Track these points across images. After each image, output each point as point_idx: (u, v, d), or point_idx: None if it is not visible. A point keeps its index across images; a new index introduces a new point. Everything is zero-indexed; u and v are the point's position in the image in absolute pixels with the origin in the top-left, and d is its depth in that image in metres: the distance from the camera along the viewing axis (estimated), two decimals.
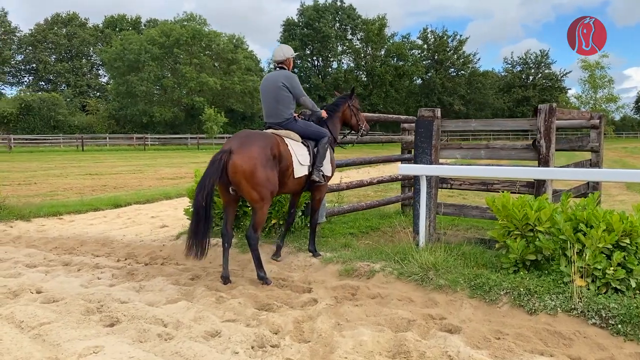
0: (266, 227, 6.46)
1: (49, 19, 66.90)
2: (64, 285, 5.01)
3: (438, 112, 5.75)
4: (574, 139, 6.56)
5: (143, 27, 68.43)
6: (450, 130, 5.81)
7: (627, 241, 4.07)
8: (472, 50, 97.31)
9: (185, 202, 7.68)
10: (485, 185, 5.66)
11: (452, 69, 73.41)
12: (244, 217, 6.68)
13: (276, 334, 3.83)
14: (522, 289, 4.24)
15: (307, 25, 64.94)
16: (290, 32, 66.14)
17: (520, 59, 79.05)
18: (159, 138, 48.22)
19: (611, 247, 4.08)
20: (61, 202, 10.68)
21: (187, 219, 7.15)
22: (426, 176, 5.53)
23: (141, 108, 52.85)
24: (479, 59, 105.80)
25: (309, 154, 5.59)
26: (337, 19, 67.32)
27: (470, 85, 71.90)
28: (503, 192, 4.88)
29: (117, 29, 66.97)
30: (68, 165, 24.40)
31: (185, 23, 57.78)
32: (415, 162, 5.81)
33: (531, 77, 78.35)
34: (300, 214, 6.52)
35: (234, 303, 4.44)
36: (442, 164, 6.03)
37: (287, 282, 5.17)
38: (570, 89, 67.55)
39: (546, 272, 4.43)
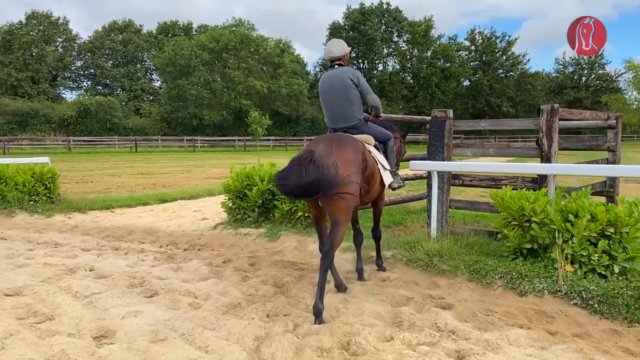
0: (293, 219, 7.05)
1: (107, 26, 70.22)
2: (112, 265, 5.75)
3: (450, 112, 6.18)
4: (587, 139, 6.82)
5: (194, 32, 70.70)
6: (461, 130, 6.21)
7: (612, 230, 4.42)
8: (525, 50, 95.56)
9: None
10: (494, 181, 6.05)
11: (501, 70, 72.26)
12: (274, 209, 7.29)
13: (290, 305, 4.39)
14: (514, 274, 4.66)
15: (352, 28, 65.47)
16: (336, 36, 66.74)
17: (572, 59, 76.90)
18: (208, 140, 49.83)
19: (596, 235, 4.44)
20: (113, 197, 11.63)
21: (224, 211, 7.86)
22: (437, 172, 5.97)
23: (191, 111, 54.67)
24: (529, 59, 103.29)
25: (385, 159, 5.02)
26: (383, 21, 67.54)
27: (519, 86, 70.58)
28: (509, 186, 5.29)
29: (169, 35, 69.45)
30: (122, 166, 25.78)
31: (234, 28, 59.35)
32: (429, 160, 6.26)
33: (584, 78, 76.07)
34: None
35: (256, 281, 5.05)
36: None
37: (306, 265, 5.73)
38: (624, 90, 65.09)
39: (540, 259, 4.81)
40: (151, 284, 5.01)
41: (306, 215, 6.96)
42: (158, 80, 68.83)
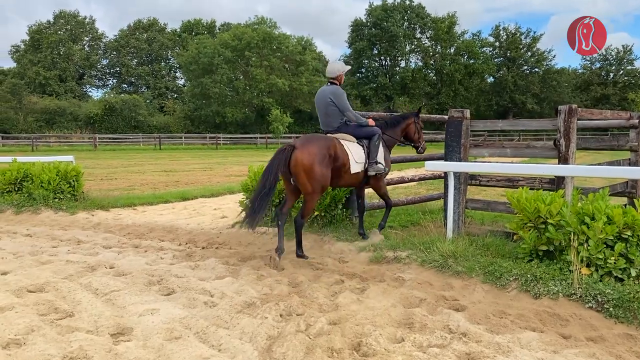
0: (309, 219, 7.09)
1: (132, 25, 71.24)
2: (132, 263, 5.88)
3: (467, 113, 6.15)
4: (607, 139, 6.73)
5: (217, 30, 71.25)
6: (479, 130, 6.17)
7: (629, 233, 4.37)
8: (551, 46, 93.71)
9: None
10: (511, 182, 6.00)
11: (525, 67, 71.11)
12: (291, 209, 7.34)
13: (303, 305, 4.44)
14: (529, 276, 4.63)
15: (375, 25, 65.08)
16: (358, 33, 66.56)
17: (599, 55, 75.18)
18: (230, 138, 50.23)
19: (613, 238, 4.38)
20: (136, 195, 11.84)
21: (242, 209, 7.94)
22: (454, 173, 5.96)
23: (214, 109, 55.15)
24: (555, 55, 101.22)
25: (364, 152, 6.26)
26: (405, 18, 67.00)
27: (545, 83, 69.36)
28: (526, 187, 5.25)
29: (193, 33, 70.11)
30: (146, 163, 26.17)
31: (256, 26, 59.64)
32: (446, 160, 6.24)
33: (612, 74, 74.36)
34: (340, 206, 7.10)
35: (271, 280, 5.11)
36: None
37: (321, 265, 5.78)
38: None
39: (555, 261, 4.77)
40: (169, 282, 5.11)
41: (322, 214, 7.00)
42: (182, 78, 69.69)
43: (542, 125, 5.76)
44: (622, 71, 73.78)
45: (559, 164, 5.46)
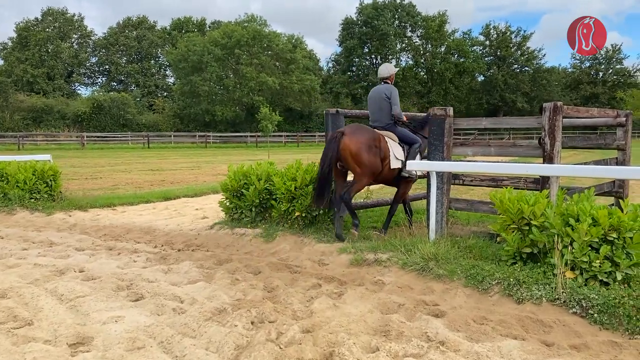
0: (290, 219, 6.90)
1: (121, 22, 70.55)
2: (103, 266, 5.65)
3: (450, 110, 5.98)
4: (594, 137, 6.57)
5: (208, 28, 70.73)
6: (462, 128, 6.01)
7: (615, 235, 4.20)
8: (543, 45, 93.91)
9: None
10: (495, 182, 5.83)
11: (516, 66, 71.25)
12: (271, 209, 7.15)
13: (276, 311, 4.24)
14: (512, 280, 4.46)
15: (365, 23, 64.92)
16: (349, 31, 66.37)
17: None
18: (220, 136, 49.89)
19: (598, 240, 4.22)
20: (116, 194, 11.59)
21: (222, 210, 7.73)
22: (437, 172, 5.78)
23: (204, 107, 54.73)
24: (545, 54, 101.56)
25: (404, 153, 6.67)
26: (396, 16, 66.89)
27: (535, 82, 69.55)
28: (510, 187, 5.09)
29: (183, 31, 69.57)
30: (134, 162, 25.86)
31: (246, 24, 59.25)
32: (428, 159, 6.06)
33: (601, 73, 74.66)
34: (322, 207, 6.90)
35: (246, 285, 4.91)
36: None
37: (300, 268, 5.58)
38: None
39: (539, 264, 4.61)
40: (138, 286, 4.90)
41: (303, 215, 6.80)
42: (172, 76, 69.08)
43: (527, 124, 5.59)
44: (611, 70, 74.17)
45: (544, 163, 5.29)
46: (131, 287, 4.92)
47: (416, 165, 5.87)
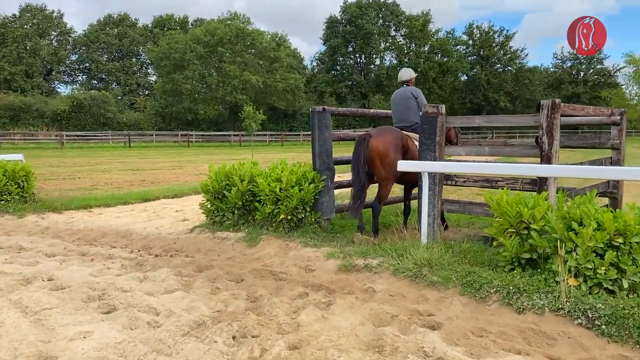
0: (274, 222, 6.57)
1: (102, 19, 69.42)
2: (74, 274, 5.27)
3: (442, 108, 5.71)
4: (590, 136, 6.36)
5: (190, 26, 69.97)
6: (454, 127, 5.74)
7: (621, 240, 3.96)
8: (525, 45, 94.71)
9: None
10: (490, 183, 5.58)
11: (498, 65, 71.63)
12: (255, 212, 6.82)
13: (260, 325, 3.92)
14: (511, 287, 4.19)
15: (349, 22, 64.72)
16: (333, 30, 66.13)
17: (570, 54, 76.17)
18: (202, 135, 49.30)
19: (603, 246, 3.97)
20: (93, 195, 11.14)
21: (202, 213, 7.38)
22: (428, 173, 5.50)
23: (186, 106, 54.07)
24: (527, 54, 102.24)
25: None
26: (380, 15, 66.81)
27: (517, 81, 69.97)
28: (505, 188, 4.83)
29: (165, 29, 68.71)
30: (114, 161, 25.32)
31: (229, 22, 58.66)
32: (419, 159, 5.79)
33: (582, 73, 75.38)
34: (308, 209, 6.59)
35: (227, 295, 4.57)
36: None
37: (285, 274, 5.26)
38: (623, 84, 64.36)
39: (539, 270, 4.35)
40: (111, 297, 4.53)
41: (289, 217, 6.48)
42: (154, 74, 68.18)
43: (523, 122, 5.35)
44: (592, 70, 74.88)
45: (541, 163, 5.04)
46: (103, 297, 4.56)
47: (408, 166, 5.57)
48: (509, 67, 71.56)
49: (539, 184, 5.11)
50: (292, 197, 6.38)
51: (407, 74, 7.19)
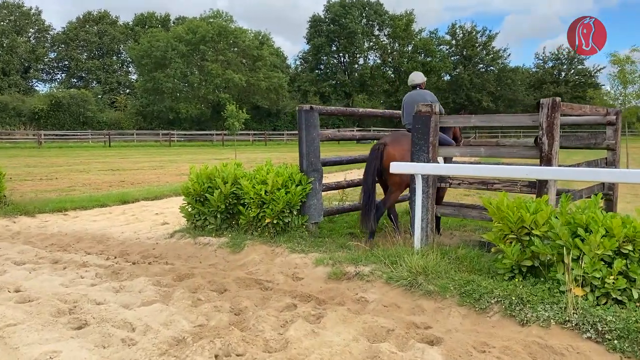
0: (259, 226, 6.26)
1: (81, 17, 68.19)
2: (44, 284, 4.90)
3: (436, 107, 5.45)
4: (587, 136, 6.16)
5: (172, 24, 69.12)
6: (449, 126, 5.50)
7: (630, 248, 3.72)
8: (507, 45, 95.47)
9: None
10: (486, 185, 5.32)
11: (481, 65, 71.94)
12: (239, 216, 6.50)
13: (245, 342, 3.61)
14: (514, 298, 3.93)
15: (333, 21, 64.48)
16: (316, 29, 65.82)
17: (552, 54, 76.93)
18: (184, 134, 48.64)
19: (612, 254, 3.73)
20: (69, 197, 10.69)
21: (183, 216, 7.03)
22: (422, 175, 5.24)
23: (168, 104, 53.36)
24: (509, 54, 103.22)
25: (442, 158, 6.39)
26: (363, 14, 66.67)
27: (500, 81, 70.31)
28: (503, 191, 4.59)
29: (146, 27, 67.76)
30: (93, 161, 24.73)
31: (212, 20, 58.03)
32: (412, 160, 5.52)
33: (563, 73, 76.10)
34: (295, 213, 6.29)
35: (209, 307, 4.24)
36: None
37: (272, 283, 4.95)
38: (603, 85, 65.12)
39: (542, 279, 4.10)
40: (83, 310, 4.18)
41: (274, 221, 6.16)
42: (135, 72, 67.19)
43: (521, 121, 5.11)
44: (573, 70, 75.61)
45: (541, 164, 4.80)
46: (74, 311, 4.20)
47: (402, 168, 5.30)
48: (492, 67, 71.87)
49: (538, 187, 4.87)
50: (278, 200, 6.07)
51: (420, 77, 7.07)
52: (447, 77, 72.18)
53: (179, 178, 16.73)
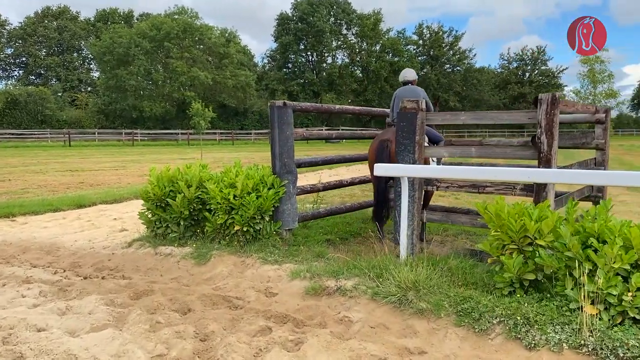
0: (228, 234, 5.68)
1: (39, 12, 65.80)
2: None
3: (423, 103, 4.98)
4: (578, 135, 5.81)
5: (135, 21, 67.39)
6: (436, 124, 5.05)
7: None
8: (471, 46, 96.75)
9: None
10: (477, 188, 4.88)
11: (448, 65, 72.59)
12: (204, 222, 5.90)
13: None
14: (519, 317, 3.47)
15: (301, 19, 63.92)
16: (284, 27, 65.16)
17: (516, 55, 78.31)
18: (148, 133, 47.36)
19: (629, 267, 3.31)
20: (19, 201, 9.86)
21: (142, 223, 6.40)
22: (408, 178, 4.76)
23: (131, 103, 51.90)
24: (475, 54, 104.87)
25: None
26: (331, 13, 66.30)
27: (466, 81, 71.10)
28: (494, 194, 4.14)
29: (108, 23, 65.85)
30: (52, 161, 23.63)
31: (177, 16, 56.71)
32: (397, 161, 5.03)
33: (527, 74, 77.51)
34: (267, 219, 5.73)
35: (170, 332, 3.65)
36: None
37: (242, 300, 4.38)
38: (566, 85, 66.71)
39: (548, 295, 3.67)
40: (19, 339, 3.54)
41: (244, 229, 5.59)
42: (97, 70, 65.17)
43: (516, 119, 4.69)
44: (537, 71, 77.08)
45: (539, 166, 4.38)
46: (9, 340, 3.56)
47: (384, 170, 4.80)
48: (458, 68, 72.62)
49: (536, 191, 4.45)
50: (248, 205, 5.49)
51: (412, 73, 6.90)
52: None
53: (141, 179, 15.93)
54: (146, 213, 6.23)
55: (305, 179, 11.77)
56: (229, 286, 4.77)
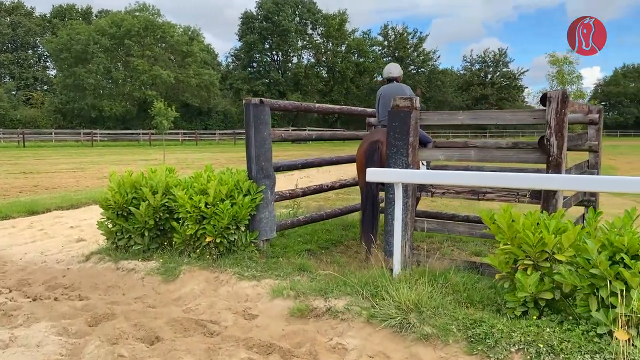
0: (199, 247, 5.10)
1: None
2: None
3: (417, 101, 4.53)
4: (575, 137, 5.48)
5: (94, 17, 65.30)
6: (432, 124, 4.63)
7: None
8: (435, 47, 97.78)
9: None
10: (476, 195, 4.47)
11: (413, 67, 73.01)
12: (172, 233, 5.31)
13: None
14: (541, 345, 3.04)
15: (266, 18, 63.12)
16: (248, 25, 64.24)
17: (479, 57, 79.49)
18: (108, 134, 45.77)
19: None
20: None
21: (101, 233, 5.75)
22: (402, 184, 4.30)
23: (90, 102, 50.13)
24: (439, 56, 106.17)
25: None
26: (297, 12, 65.68)
27: (430, 83, 71.63)
28: (496, 201, 3.72)
29: (65, 19, 63.54)
30: (4, 163, 22.44)
31: (138, 13, 55.12)
32: (389, 165, 4.57)
33: (489, 76, 78.81)
34: (243, 228, 5.18)
35: None
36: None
37: (218, 326, 3.83)
38: (527, 87, 68.27)
39: (570, 317, 3.25)
40: None
41: (217, 240, 5.02)
42: (53, 68, 62.77)
43: (519, 119, 4.29)
44: (498, 73, 78.44)
45: (548, 170, 3.99)
46: None
47: (377, 176, 4.33)
48: (423, 69, 73.13)
49: (544, 198, 4.05)
50: (222, 214, 4.93)
51: (397, 69, 6.40)
52: (379, 78, 72.60)
53: (100, 182, 15.11)
54: (106, 223, 5.57)
55: (278, 182, 11.22)
56: (201, 307, 4.21)
